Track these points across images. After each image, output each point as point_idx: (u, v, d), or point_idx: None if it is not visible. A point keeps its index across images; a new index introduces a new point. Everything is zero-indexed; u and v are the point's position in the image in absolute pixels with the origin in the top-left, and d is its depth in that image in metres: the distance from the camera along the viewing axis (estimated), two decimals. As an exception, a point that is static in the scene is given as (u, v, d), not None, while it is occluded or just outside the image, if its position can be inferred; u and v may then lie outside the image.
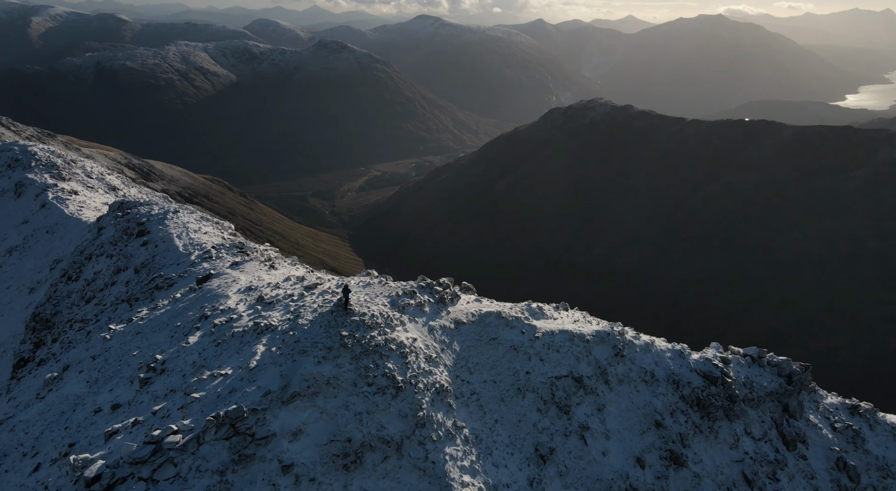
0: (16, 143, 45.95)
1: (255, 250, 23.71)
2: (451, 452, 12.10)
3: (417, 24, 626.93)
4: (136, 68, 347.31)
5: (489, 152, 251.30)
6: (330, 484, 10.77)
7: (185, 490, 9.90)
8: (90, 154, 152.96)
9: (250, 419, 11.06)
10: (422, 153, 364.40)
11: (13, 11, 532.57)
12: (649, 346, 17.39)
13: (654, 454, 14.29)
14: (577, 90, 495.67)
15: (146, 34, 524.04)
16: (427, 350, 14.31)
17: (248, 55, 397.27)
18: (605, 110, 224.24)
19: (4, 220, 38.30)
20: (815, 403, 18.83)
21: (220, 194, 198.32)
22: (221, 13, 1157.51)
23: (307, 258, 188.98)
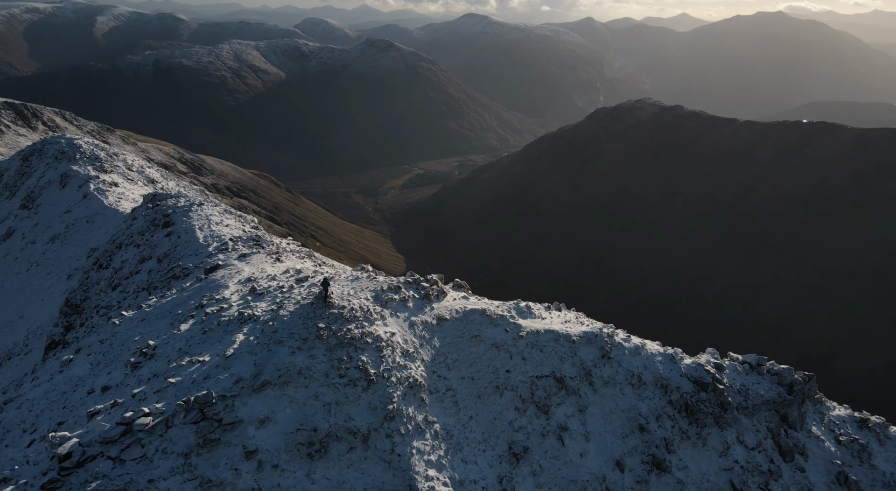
0: (63, 137, 48.08)
1: (272, 243, 24.03)
2: (418, 446, 12.22)
3: (464, 22, 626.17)
4: (191, 66, 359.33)
5: (532, 152, 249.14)
6: (293, 472, 10.97)
7: (150, 470, 10.26)
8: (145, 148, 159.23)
9: (219, 405, 11.38)
10: (465, 152, 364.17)
11: (80, 11, 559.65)
12: (639, 348, 17.00)
13: (635, 458, 14.12)
14: (625, 90, 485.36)
15: (202, 33, 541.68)
16: (405, 345, 14.39)
17: (298, 53, 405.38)
18: (654, 110, 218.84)
19: (49, 210, 40.11)
20: (820, 414, 18.01)
21: (266, 189, 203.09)
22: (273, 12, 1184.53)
23: (349, 254, 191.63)
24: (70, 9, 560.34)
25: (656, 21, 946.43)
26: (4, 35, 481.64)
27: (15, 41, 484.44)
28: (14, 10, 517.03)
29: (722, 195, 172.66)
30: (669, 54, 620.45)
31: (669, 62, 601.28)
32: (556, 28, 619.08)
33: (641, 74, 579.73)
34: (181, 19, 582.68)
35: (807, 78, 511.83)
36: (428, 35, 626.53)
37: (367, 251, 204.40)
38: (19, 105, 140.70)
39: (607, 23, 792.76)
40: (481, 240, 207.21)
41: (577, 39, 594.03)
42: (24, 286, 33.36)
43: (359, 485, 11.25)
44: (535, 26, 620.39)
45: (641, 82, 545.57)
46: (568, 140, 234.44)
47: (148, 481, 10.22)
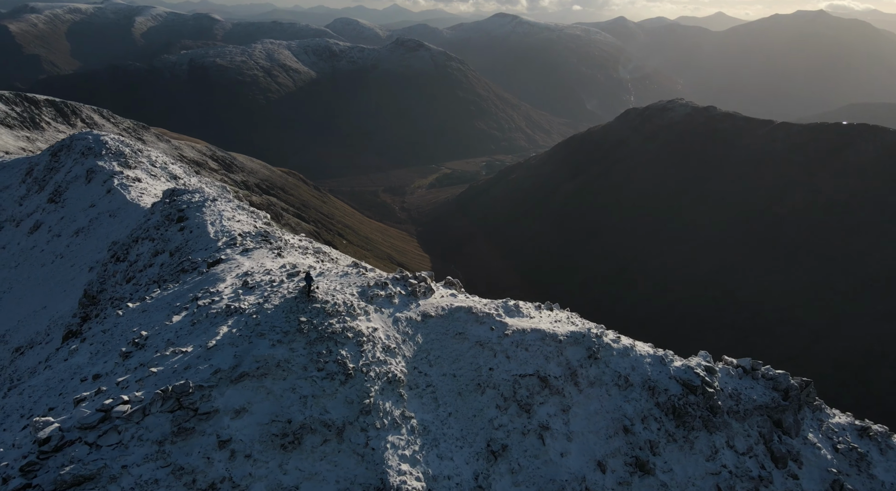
0: (90, 133, 49.07)
1: (279, 239, 24.05)
2: (393, 441, 12.28)
3: (494, 22, 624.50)
4: (224, 65, 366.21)
5: (560, 152, 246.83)
6: (265, 462, 11.13)
7: (124, 456, 10.51)
8: (178, 146, 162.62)
9: (195, 395, 11.61)
10: (493, 152, 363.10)
11: (120, 12, 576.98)
12: (628, 350, 16.75)
13: (618, 459, 13.94)
14: (657, 90, 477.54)
15: (236, 33, 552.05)
16: (387, 340, 14.42)
17: (329, 53, 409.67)
18: (686, 111, 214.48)
19: (75, 204, 41.11)
20: (818, 421, 17.42)
21: (295, 187, 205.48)
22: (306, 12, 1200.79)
23: (375, 252, 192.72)
24: (110, 9, 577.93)
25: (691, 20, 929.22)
26: (48, 35, 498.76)
27: (58, 41, 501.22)
28: (57, 11, 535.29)
29: (755, 198, 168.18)
30: (704, 54, 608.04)
31: (704, 62, 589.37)
32: (588, 28, 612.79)
33: (674, 75, 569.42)
34: (216, 19, 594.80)
35: (848, 79, 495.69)
36: (457, 35, 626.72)
37: (393, 250, 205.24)
38: (59, 103, 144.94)
39: (640, 22, 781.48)
40: (508, 240, 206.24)
41: (609, 39, 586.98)
42: (49, 277, 34.16)
43: (331, 477, 11.32)
44: (565, 26, 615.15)
45: (674, 83, 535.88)
46: (597, 141, 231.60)
47: (122, 467, 10.37)
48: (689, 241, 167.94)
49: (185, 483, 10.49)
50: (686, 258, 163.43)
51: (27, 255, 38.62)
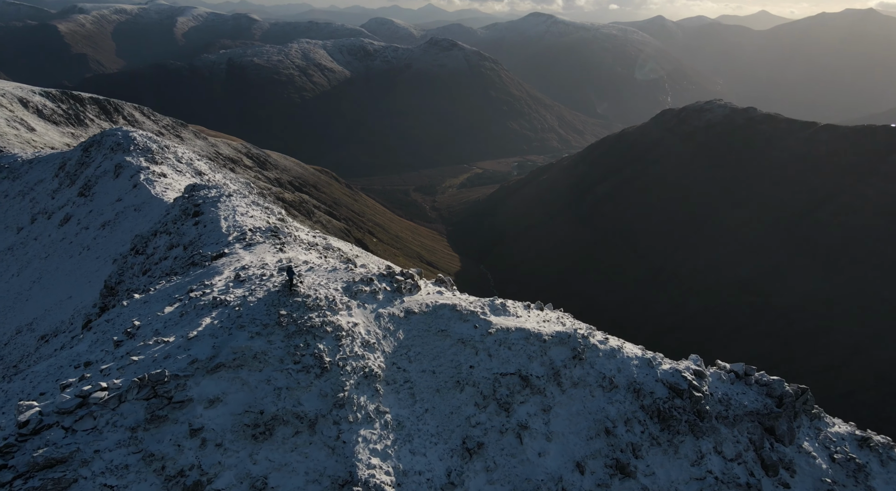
0: (119, 129, 50.14)
1: (290, 235, 24.07)
2: (365, 435, 12.24)
3: (529, 21, 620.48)
4: (261, 64, 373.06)
5: (593, 153, 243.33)
6: (236, 451, 11.18)
7: (98, 441, 10.65)
8: (215, 143, 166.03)
9: (171, 384, 11.70)
10: (525, 152, 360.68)
11: (163, 12, 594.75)
12: (615, 351, 16.28)
13: (598, 461, 13.65)
14: (695, 91, 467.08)
15: (273, 32, 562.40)
16: (367, 335, 14.33)
17: (363, 52, 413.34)
18: (724, 112, 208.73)
19: (103, 198, 42.20)
20: (816, 430, 16.75)
21: (327, 185, 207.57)
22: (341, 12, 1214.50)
23: (405, 251, 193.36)
24: (154, 10, 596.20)
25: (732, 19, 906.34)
26: (95, 35, 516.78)
27: (104, 41, 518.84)
28: (104, 12, 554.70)
29: (796, 202, 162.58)
30: (745, 54, 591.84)
31: (745, 62, 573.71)
32: (625, 27, 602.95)
33: (713, 75, 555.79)
34: (254, 19, 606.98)
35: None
36: (492, 34, 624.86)
37: (422, 249, 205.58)
38: (103, 100, 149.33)
39: (679, 21, 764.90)
40: (538, 241, 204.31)
41: (646, 39, 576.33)
42: (76, 268, 35.06)
43: (300, 468, 11.32)
44: (601, 25, 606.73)
45: (713, 83, 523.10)
46: (631, 142, 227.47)
47: (94, 452, 10.51)
48: (725, 245, 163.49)
49: (154, 469, 10.57)
50: (722, 262, 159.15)
51: (57, 246, 39.80)
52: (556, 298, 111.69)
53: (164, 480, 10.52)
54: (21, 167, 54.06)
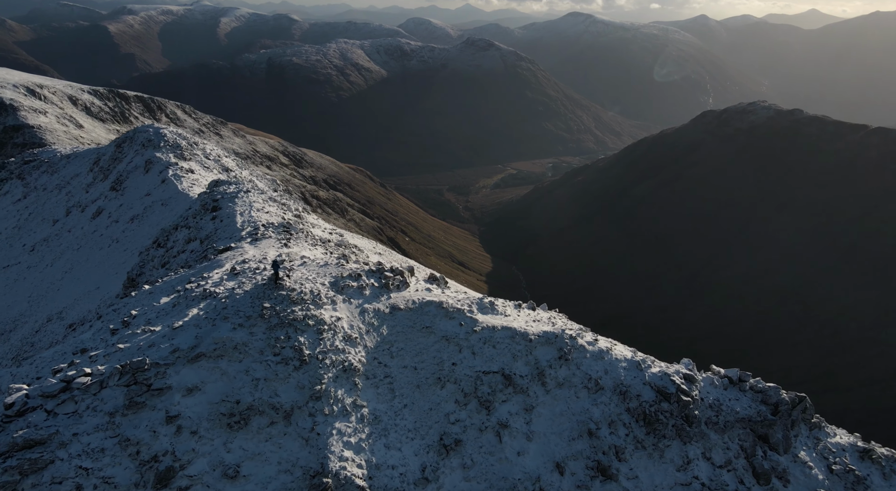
0: (151, 126, 51.45)
1: (302, 231, 24.25)
2: (340, 428, 12.31)
3: (567, 21, 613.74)
4: (300, 64, 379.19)
5: (630, 155, 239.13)
6: (211, 439, 11.41)
7: (77, 425, 10.97)
8: (252, 141, 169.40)
9: (151, 371, 12.00)
10: (560, 153, 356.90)
11: (207, 13, 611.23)
12: (603, 353, 16.02)
13: (579, 463, 13.47)
14: (738, 92, 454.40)
15: (312, 32, 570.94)
16: (349, 330, 14.41)
17: (400, 52, 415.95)
18: (768, 114, 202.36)
19: (133, 192, 43.51)
20: (815, 439, 16.11)
21: (361, 184, 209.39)
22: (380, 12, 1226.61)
23: (437, 250, 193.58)
24: (199, 10, 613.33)
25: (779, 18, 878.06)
26: (142, 35, 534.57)
27: (151, 41, 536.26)
28: (151, 13, 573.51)
29: (844, 208, 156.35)
30: (793, 54, 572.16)
31: (792, 63, 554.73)
32: (666, 27, 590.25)
33: (758, 76, 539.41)
34: (294, 20, 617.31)
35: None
36: (529, 34, 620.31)
37: (454, 248, 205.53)
38: (147, 99, 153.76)
39: (723, 20, 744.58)
40: (571, 243, 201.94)
41: (688, 38, 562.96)
42: (105, 260, 36.23)
43: (273, 458, 11.51)
44: (641, 25, 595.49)
45: (758, 84, 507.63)
46: (670, 144, 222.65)
47: (73, 435, 10.83)
48: (766, 251, 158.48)
49: (129, 454, 10.86)
50: (763, 268, 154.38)
51: (88, 238, 41.25)
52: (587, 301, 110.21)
53: (138, 465, 10.76)
54: (59, 162, 56.26)
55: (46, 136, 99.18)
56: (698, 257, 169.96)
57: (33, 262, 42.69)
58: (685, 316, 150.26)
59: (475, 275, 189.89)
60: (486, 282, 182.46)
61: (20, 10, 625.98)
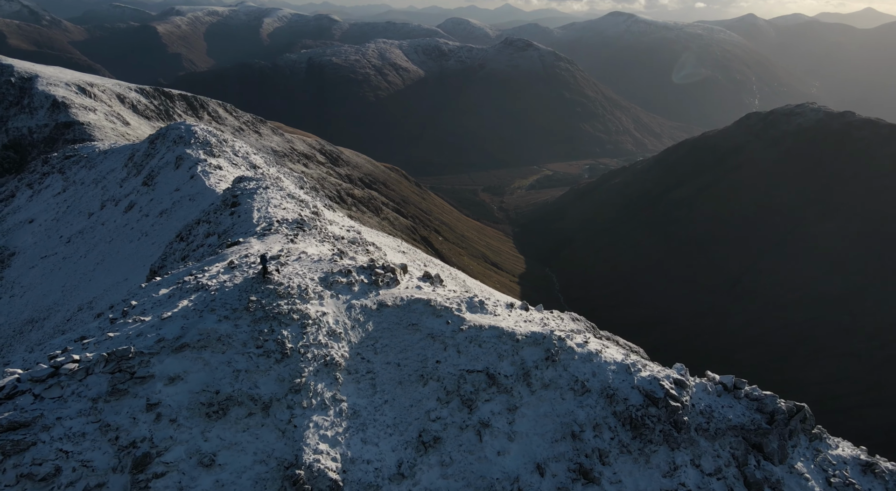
0: (182, 123, 52.67)
1: (315, 227, 24.33)
2: (317, 421, 12.37)
3: (608, 21, 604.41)
4: (339, 64, 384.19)
5: (669, 157, 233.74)
6: (189, 428, 11.59)
7: (61, 409, 11.22)
8: (290, 139, 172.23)
9: (135, 360, 12.24)
10: (597, 155, 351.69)
11: (251, 13, 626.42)
12: (592, 355, 15.63)
13: (561, 465, 13.29)
14: (786, 93, 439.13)
15: (352, 33, 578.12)
16: (334, 325, 14.45)
17: (438, 52, 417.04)
18: (817, 116, 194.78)
19: (163, 187, 44.79)
20: (815, 451, 15.39)
21: (396, 183, 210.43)
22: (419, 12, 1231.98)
23: (470, 251, 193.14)
24: (243, 11, 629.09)
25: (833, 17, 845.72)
26: (189, 35, 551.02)
27: (197, 41, 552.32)
28: (198, 13, 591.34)
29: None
30: (846, 55, 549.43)
31: (845, 64, 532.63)
32: (711, 26, 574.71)
33: (808, 77, 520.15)
34: (335, 20, 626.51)
35: None
36: (568, 34, 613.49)
37: (488, 249, 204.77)
38: (190, 97, 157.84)
39: (772, 19, 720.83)
40: (607, 246, 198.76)
41: (734, 38, 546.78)
42: (134, 253, 37.35)
43: (250, 448, 11.65)
44: (685, 24, 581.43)
45: (807, 86, 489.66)
46: (712, 146, 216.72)
47: (56, 418, 11.07)
48: (812, 258, 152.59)
49: (108, 439, 11.05)
50: (808, 276, 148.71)
51: (120, 231, 42.66)
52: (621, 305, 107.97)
53: (116, 450, 10.92)
54: (97, 157, 58.34)
55: (95, 133, 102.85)
56: (739, 263, 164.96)
57: (68, 253, 44.41)
58: (724, 323, 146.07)
59: (508, 276, 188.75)
60: (519, 283, 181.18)
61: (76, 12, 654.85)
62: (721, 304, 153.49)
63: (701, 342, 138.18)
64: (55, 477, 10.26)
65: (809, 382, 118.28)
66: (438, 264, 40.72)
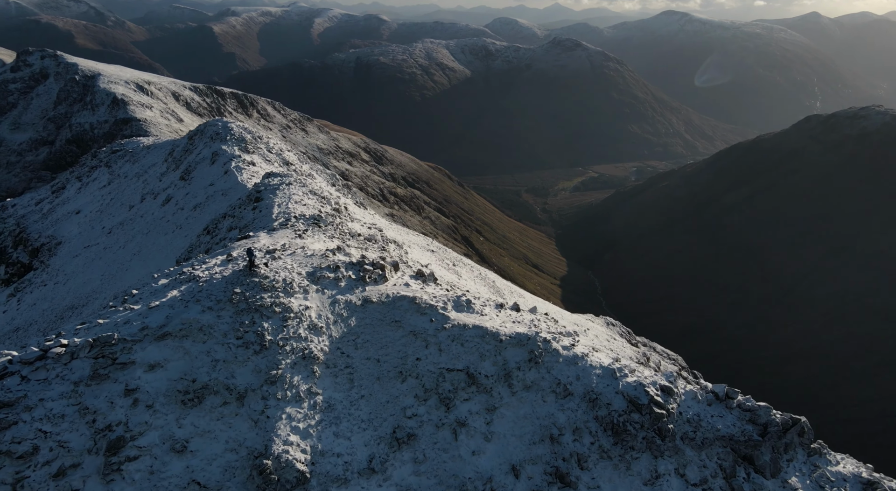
0: (220, 120, 53.93)
1: (332, 224, 24.28)
2: (290, 413, 12.42)
3: (661, 20, 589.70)
4: (386, 63, 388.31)
5: (721, 160, 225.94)
6: (165, 414, 11.76)
7: (45, 391, 11.51)
8: (336, 137, 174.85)
9: (118, 346, 12.49)
10: (645, 157, 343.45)
11: (302, 14, 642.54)
12: (577, 358, 15.14)
13: (538, 467, 13.08)
14: (850, 95, 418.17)
15: (400, 32, 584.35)
16: (317, 320, 14.43)
17: (484, 52, 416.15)
18: (883, 119, 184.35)
19: (199, 182, 46.05)
20: (812, 466, 14.57)
21: (439, 182, 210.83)
22: (467, 12, 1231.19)
23: (511, 252, 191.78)
24: (295, 12, 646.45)
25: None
26: (243, 35, 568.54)
27: (250, 40, 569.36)
28: (252, 14, 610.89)
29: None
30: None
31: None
32: (771, 25, 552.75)
33: (876, 78, 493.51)
34: (384, 20, 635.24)
35: None
36: (619, 34, 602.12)
37: (529, 250, 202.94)
38: (241, 95, 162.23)
39: (837, 18, 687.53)
40: (652, 251, 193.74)
41: (795, 37, 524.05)
42: (168, 245, 38.57)
43: (222, 437, 11.78)
44: (743, 23, 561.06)
45: (874, 88, 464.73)
46: (767, 150, 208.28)
47: (39, 400, 11.34)
48: (874, 268, 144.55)
49: (86, 421, 11.25)
50: (869, 287, 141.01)
51: (157, 224, 44.13)
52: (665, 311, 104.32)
53: (93, 432, 11.09)
54: (141, 152, 60.74)
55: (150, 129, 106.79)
56: (793, 272, 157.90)
57: (109, 243, 46.25)
58: (774, 333, 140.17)
59: (549, 278, 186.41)
60: (561, 286, 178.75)
61: (138, 13, 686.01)
62: (772, 314, 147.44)
63: (750, 353, 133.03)
64: (33, 455, 10.47)
65: (866, 398, 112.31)
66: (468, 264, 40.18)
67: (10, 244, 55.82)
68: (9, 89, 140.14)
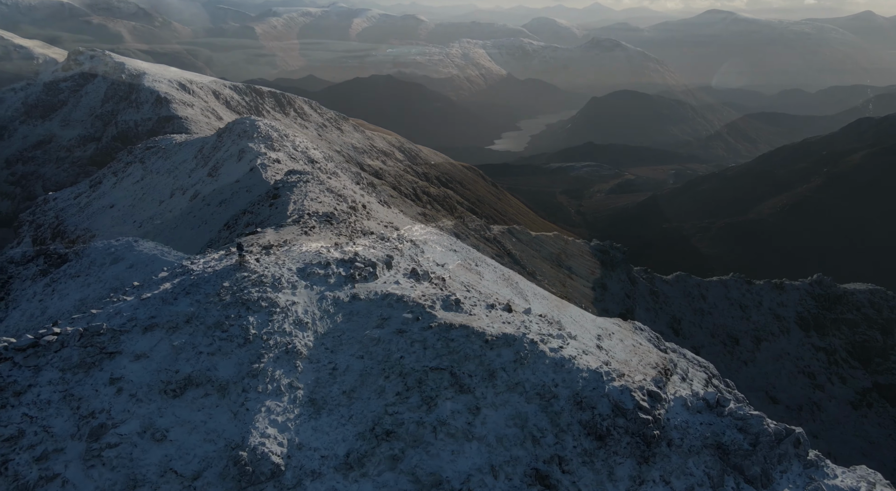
0: (248, 118, 55.02)
1: (343, 222, 24.39)
2: (270, 406, 12.55)
3: (704, 19, 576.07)
4: (422, 63, 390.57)
5: (764, 164, 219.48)
6: (147, 403, 12.04)
7: (34, 377, 11.89)
8: (370, 136, 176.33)
9: (106, 336, 12.91)
10: (684, 160, 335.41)
11: (341, 14, 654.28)
12: (564, 361, 15.05)
13: (517, 469, 13.04)
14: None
15: (438, 32, 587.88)
16: (303, 315, 14.62)
17: (521, 52, 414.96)
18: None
19: (226, 178, 47.06)
20: (808, 478, 14.33)
21: (472, 182, 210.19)
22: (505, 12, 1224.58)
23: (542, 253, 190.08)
24: (334, 12, 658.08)
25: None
26: (284, 35, 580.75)
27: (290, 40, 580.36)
28: (293, 14, 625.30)
29: None
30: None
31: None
32: (821, 24, 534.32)
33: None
34: (421, 20, 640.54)
35: None
36: (660, 34, 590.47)
37: (563, 252, 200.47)
38: (279, 94, 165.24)
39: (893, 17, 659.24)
40: (689, 255, 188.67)
41: (847, 37, 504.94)
42: (193, 240, 39.46)
43: (202, 427, 12.00)
44: (791, 22, 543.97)
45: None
46: (814, 153, 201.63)
47: (28, 385, 11.75)
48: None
49: (71, 407, 11.55)
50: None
51: (184, 218, 45.30)
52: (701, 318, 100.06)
53: (77, 419, 11.38)
54: (173, 149, 62.62)
55: (191, 127, 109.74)
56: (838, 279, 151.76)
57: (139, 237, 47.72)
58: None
59: (582, 281, 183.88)
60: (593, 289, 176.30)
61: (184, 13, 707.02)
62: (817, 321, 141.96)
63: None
64: (18, 439, 10.78)
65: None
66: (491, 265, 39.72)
67: (49, 236, 58.26)
68: (60, 88, 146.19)
